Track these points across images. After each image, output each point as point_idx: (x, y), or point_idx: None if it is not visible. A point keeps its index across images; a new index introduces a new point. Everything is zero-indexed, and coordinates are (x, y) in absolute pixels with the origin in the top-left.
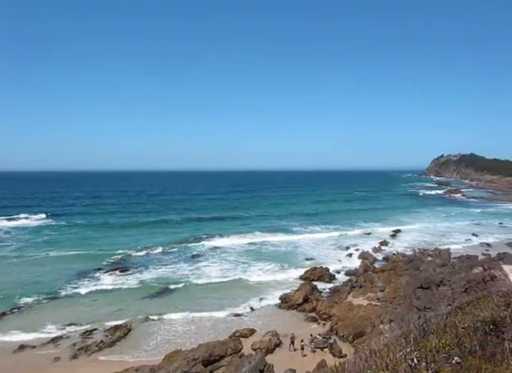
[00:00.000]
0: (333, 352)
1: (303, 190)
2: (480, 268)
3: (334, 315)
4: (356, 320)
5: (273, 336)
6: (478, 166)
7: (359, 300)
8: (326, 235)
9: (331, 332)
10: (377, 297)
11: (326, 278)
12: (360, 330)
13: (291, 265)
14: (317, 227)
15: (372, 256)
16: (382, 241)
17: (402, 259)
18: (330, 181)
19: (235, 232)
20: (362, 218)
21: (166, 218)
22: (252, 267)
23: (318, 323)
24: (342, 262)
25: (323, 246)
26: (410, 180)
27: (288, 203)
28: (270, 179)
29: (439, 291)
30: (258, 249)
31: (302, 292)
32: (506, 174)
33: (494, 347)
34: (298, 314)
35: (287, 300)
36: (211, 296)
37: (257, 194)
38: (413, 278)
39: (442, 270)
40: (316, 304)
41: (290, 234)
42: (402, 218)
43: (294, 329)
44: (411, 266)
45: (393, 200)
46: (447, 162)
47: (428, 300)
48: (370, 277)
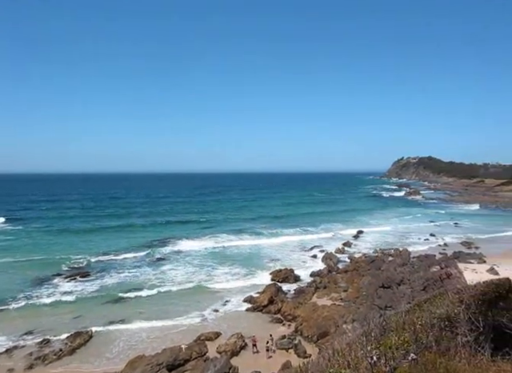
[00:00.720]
0: (297, 353)
1: (269, 192)
2: (437, 267)
3: (299, 316)
4: (320, 320)
5: (238, 339)
6: (435, 168)
7: (323, 300)
8: (291, 237)
9: (296, 333)
10: (340, 297)
11: (290, 280)
12: (324, 331)
13: (256, 267)
14: (282, 230)
15: (336, 257)
16: (345, 242)
17: (365, 260)
18: (295, 183)
19: (200, 235)
20: (326, 220)
21: (128, 222)
22: (217, 270)
23: (283, 324)
24: (307, 263)
25: (288, 248)
26: (372, 182)
27: (253, 206)
28: (236, 181)
29: (399, 290)
30: (224, 252)
31: (267, 294)
32: (460, 176)
33: (448, 342)
34: (263, 315)
35: (252, 302)
36: (175, 300)
37: (222, 196)
38: (375, 277)
39: (402, 269)
40: (281, 305)
41: (255, 237)
42: (364, 219)
43: (259, 331)
44: (373, 267)
45: (356, 202)
46: (407, 165)
47: (389, 299)
48: (333, 278)
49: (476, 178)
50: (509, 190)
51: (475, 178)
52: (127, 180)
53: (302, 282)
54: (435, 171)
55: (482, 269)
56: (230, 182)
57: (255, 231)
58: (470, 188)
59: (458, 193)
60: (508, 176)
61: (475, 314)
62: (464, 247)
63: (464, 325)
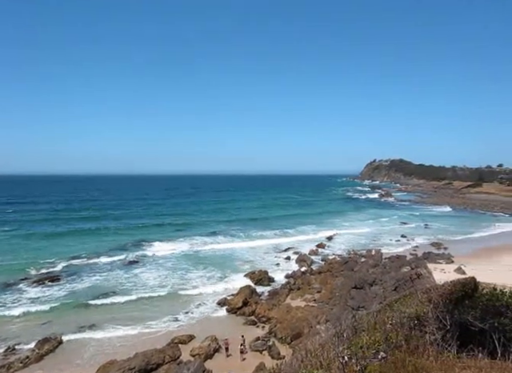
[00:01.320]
0: (271, 354)
1: (244, 194)
2: (408, 267)
3: (273, 318)
4: (294, 322)
5: (212, 341)
6: (406, 170)
7: (297, 302)
8: (265, 239)
9: (270, 334)
10: (314, 298)
11: (265, 282)
12: (298, 332)
13: (230, 270)
14: (256, 232)
15: (309, 259)
16: (319, 244)
17: (338, 261)
18: (270, 185)
19: (174, 238)
20: (300, 222)
21: (101, 225)
22: (191, 273)
23: (257, 326)
24: (281, 265)
25: (263, 251)
26: (345, 184)
27: (229, 208)
28: (210, 183)
29: (372, 291)
30: (198, 255)
31: (242, 296)
32: (430, 178)
33: (417, 341)
34: (237, 318)
35: (226, 305)
36: (148, 304)
37: (198, 198)
38: (348, 278)
39: (374, 270)
40: (255, 307)
41: (230, 239)
42: (338, 221)
43: (233, 333)
44: (346, 268)
45: (329, 204)
46: (379, 167)
47: (362, 299)
48: (307, 279)
49: (445, 180)
50: (475, 192)
51: (444, 180)
52: (106, 182)
53: (276, 284)
54: (406, 173)
55: (450, 269)
56: (207, 183)
57: (230, 234)
58: (439, 190)
59: (427, 195)
60: (474, 178)
61: (443, 313)
62: (433, 248)
63: (432, 323)
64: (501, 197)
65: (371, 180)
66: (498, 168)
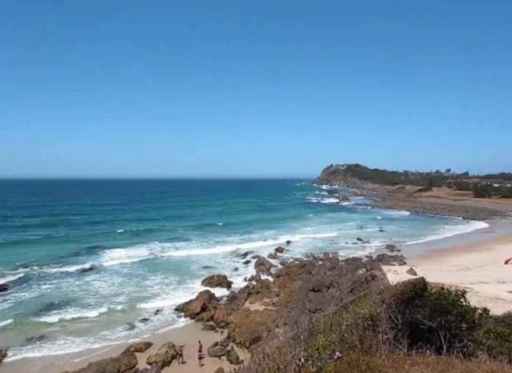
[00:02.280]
0: (230, 359)
1: (205, 199)
2: (363, 269)
3: (232, 322)
4: (253, 326)
5: (169, 348)
6: (362, 175)
7: (256, 306)
8: (224, 244)
9: (229, 339)
10: (272, 302)
11: (223, 286)
12: (256, 336)
13: (189, 275)
14: (216, 237)
15: (268, 262)
16: (277, 247)
17: (296, 264)
18: (229, 190)
19: (133, 244)
20: (259, 227)
21: (55, 231)
22: (147, 280)
23: (215, 331)
24: (240, 269)
25: (222, 255)
26: (303, 188)
27: (188, 213)
28: (176, 188)
29: (329, 293)
30: (156, 261)
31: (200, 301)
32: (384, 182)
33: (370, 340)
34: (195, 323)
35: (185, 310)
36: (102, 313)
37: (161, 204)
38: (305, 281)
39: (331, 273)
40: (214, 312)
41: (189, 245)
42: (296, 225)
43: (191, 339)
44: (304, 271)
45: (288, 208)
46: (336, 172)
47: (319, 302)
48: (266, 283)
49: (398, 184)
50: (426, 196)
51: (397, 184)
52: (74, 186)
53: (235, 289)
54: (362, 178)
55: (402, 270)
56: (175, 188)
57: (190, 239)
58: (393, 194)
59: (382, 198)
60: (425, 183)
61: (395, 313)
62: (387, 250)
63: (385, 323)
64: (449, 200)
65: (328, 184)
66: (446, 173)
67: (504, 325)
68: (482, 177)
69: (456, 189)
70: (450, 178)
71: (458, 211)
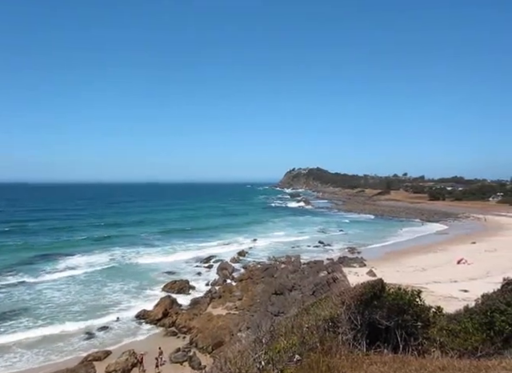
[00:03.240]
0: (192, 365)
1: (167, 204)
2: (325, 272)
3: (194, 327)
4: (215, 330)
5: (130, 356)
6: (323, 179)
7: (218, 310)
8: (187, 249)
9: (191, 345)
10: (235, 306)
11: (186, 291)
12: (219, 340)
13: (150, 281)
14: (178, 242)
15: (231, 266)
16: (240, 251)
17: (259, 268)
18: (192, 194)
19: (92, 250)
20: (221, 231)
21: (10, 239)
22: (106, 287)
23: (177, 337)
24: (202, 274)
25: (184, 260)
26: (266, 192)
27: (151, 218)
28: (131, 192)
29: (291, 296)
30: (116, 268)
31: (162, 307)
32: (345, 186)
33: (331, 342)
34: (157, 329)
35: (146, 316)
36: (57, 322)
37: (121, 209)
38: (268, 285)
39: (293, 276)
40: (176, 318)
41: (151, 250)
42: (258, 228)
43: (152, 345)
44: (267, 274)
45: (250, 212)
46: (298, 176)
47: (282, 305)
48: (228, 287)
49: (358, 188)
50: (384, 199)
51: (357, 188)
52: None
53: (198, 293)
54: (323, 182)
55: (362, 272)
56: (132, 192)
57: (152, 245)
58: (353, 197)
59: (342, 202)
60: (383, 186)
61: (354, 314)
62: (348, 253)
63: (345, 324)
64: (406, 203)
65: (291, 188)
66: (403, 177)
67: (455, 322)
68: (437, 180)
69: (412, 192)
70: (407, 182)
71: (415, 214)
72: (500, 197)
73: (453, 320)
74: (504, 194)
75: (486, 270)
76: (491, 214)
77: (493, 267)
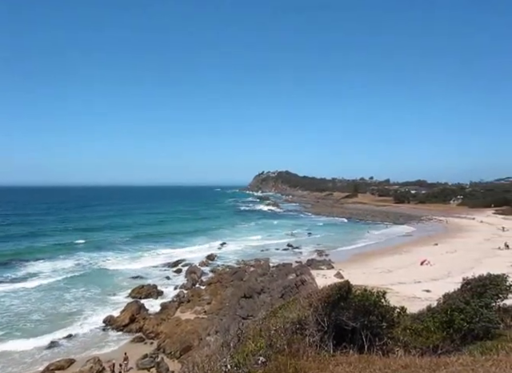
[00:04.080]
0: (160, 371)
1: (135, 207)
2: (294, 274)
3: (162, 333)
4: (184, 335)
5: (94, 363)
6: (292, 182)
7: (187, 314)
8: (155, 253)
9: (159, 350)
10: (204, 310)
11: (153, 296)
12: (187, 345)
13: (117, 286)
14: (145, 246)
15: (200, 270)
16: (209, 255)
17: (228, 271)
18: (158, 197)
19: (56, 255)
20: (190, 234)
21: None
22: (70, 295)
23: (144, 343)
24: (171, 278)
25: (151, 265)
26: (235, 195)
27: (118, 222)
28: (96, 196)
29: (260, 299)
30: (82, 273)
31: (128, 312)
32: (313, 189)
33: (298, 344)
34: (124, 335)
35: (112, 322)
36: (16, 332)
37: (89, 213)
38: (237, 288)
39: (262, 278)
40: (143, 323)
41: (118, 254)
42: (227, 232)
43: (119, 352)
44: (236, 278)
45: (219, 215)
46: (267, 179)
47: (250, 308)
48: (197, 291)
49: (326, 191)
50: (352, 202)
51: (325, 191)
52: None
53: (166, 298)
54: (292, 185)
55: (330, 274)
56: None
57: (119, 249)
58: (322, 200)
59: (311, 205)
60: (351, 190)
61: (321, 316)
62: (317, 255)
63: (312, 326)
64: (372, 206)
65: (260, 191)
66: (369, 180)
67: (419, 322)
68: (401, 184)
69: (378, 195)
70: (373, 185)
71: (381, 216)
72: (460, 200)
73: (416, 320)
74: (464, 197)
75: (447, 271)
76: (452, 216)
77: (453, 268)
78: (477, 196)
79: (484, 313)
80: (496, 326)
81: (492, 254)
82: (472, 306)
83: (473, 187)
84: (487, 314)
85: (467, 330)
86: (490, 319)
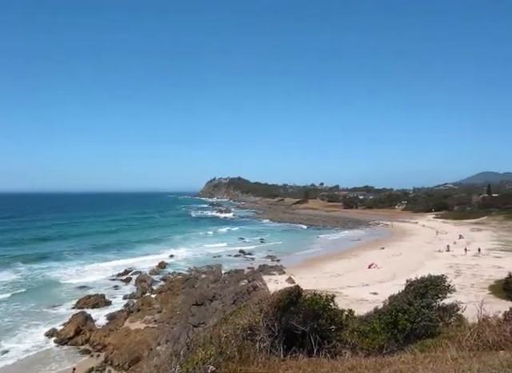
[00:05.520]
0: None
1: (74, 216)
2: (246, 280)
3: (110, 344)
4: (133, 346)
5: None
6: (244, 188)
7: (137, 324)
8: (102, 262)
9: (106, 363)
10: (154, 319)
11: (101, 306)
12: (136, 356)
13: (62, 297)
14: (92, 254)
15: (150, 278)
16: (160, 263)
17: (179, 279)
18: (108, 204)
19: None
20: (140, 242)
21: None
22: (8, 308)
23: (91, 356)
24: (120, 287)
25: (99, 274)
26: (186, 201)
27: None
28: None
29: (212, 306)
30: (22, 285)
31: (74, 324)
32: (265, 195)
33: (248, 350)
34: (68, 349)
35: (55, 335)
36: None
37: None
38: (188, 296)
39: (214, 285)
40: (90, 335)
41: (64, 264)
42: (177, 238)
43: (63, 367)
44: (187, 285)
45: (170, 222)
46: (219, 185)
47: (202, 316)
48: (147, 299)
49: (277, 197)
50: (303, 208)
51: (277, 197)
52: None
53: (114, 308)
54: (244, 191)
55: (282, 279)
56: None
57: (63, 259)
58: (273, 206)
59: (263, 211)
60: (302, 195)
61: (272, 321)
62: (269, 261)
63: (263, 332)
64: (323, 212)
65: (212, 197)
66: (320, 186)
67: (366, 323)
68: (350, 190)
69: (328, 201)
70: (323, 191)
71: (331, 222)
72: (404, 205)
73: (364, 322)
74: (408, 202)
75: (393, 273)
76: (397, 220)
77: (398, 270)
78: (419, 201)
79: (426, 313)
80: (436, 324)
81: (433, 256)
82: (415, 306)
83: (416, 193)
84: (428, 313)
85: (410, 329)
86: (431, 318)
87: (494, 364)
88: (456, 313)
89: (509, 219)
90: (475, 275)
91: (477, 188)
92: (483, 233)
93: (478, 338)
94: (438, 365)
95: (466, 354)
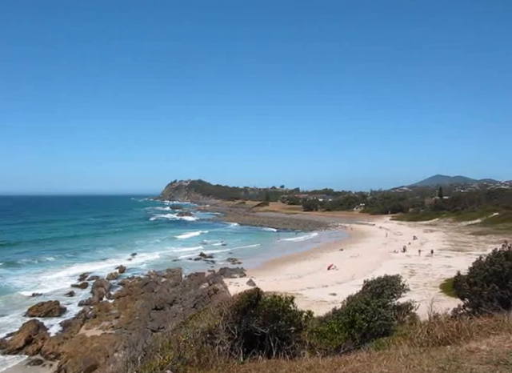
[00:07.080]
0: None
1: (29, 220)
2: (206, 284)
3: (64, 353)
4: (88, 353)
5: None
6: (205, 190)
7: (93, 331)
8: (56, 267)
9: (59, 372)
10: (112, 325)
11: (55, 313)
12: (92, 364)
13: (11, 304)
14: (45, 259)
15: (107, 283)
16: (118, 267)
17: (138, 283)
18: (63, 207)
19: None
20: (98, 245)
21: None
22: None
23: (43, 366)
24: (76, 293)
25: (54, 279)
26: (146, 204)
27: (12, 235)
28: None
29: (172, 310)
30: None
31: (24, 333)
32: (226, 198)
33: (208, 353)
34: (19, 359)
35: (3, 346)
36: None
37: None
38: (148, 300)
39: (174, 289)
40: (42, 344)
41: (13, 270)
42: (137, 242)
43: None
44: (146, 289)
45: (129, 224)
46: (179, 187)
47: (162, 320)
48: (104, 305)
49: (238, 199)
50: (263, 210)
51: (238, 199)
52: None
53: (69, 315)
54: (205, 194)
55: (243, 282)
56: None
57: (14, 264)
58: (234, 209)
59: (224, 213)
60: (262, 198)
61: (232, 324)
62: (229, 263)
63: (222, 335)
64: (283, 214)
65: (172, 200)
66: (280, 189)
67: (324, 324)
68: (310, 192)
69: (288, 203)
70: (284, 194)
71: (291, 224)
72: (362, 207)
73: (322, 322)
74: (365, 204)
75: (351, 274)
76: (355, 222)
77: (357, 271)
78: (376, 203)
79: (382, 312)
80: (391, 323)
81: (389, 257)
82: (372, 306)
83: (373, 196)
84: (384, 312)
85: (367, 329)
86: (387, 317)
87: (441, 358)
88: (410, 311)
89: (458, 221)
90: (427, 275)
91: (430, 191)
92: (435, 234)
93: (428, 334)
94: (391, 362)
95: (417, 350)
